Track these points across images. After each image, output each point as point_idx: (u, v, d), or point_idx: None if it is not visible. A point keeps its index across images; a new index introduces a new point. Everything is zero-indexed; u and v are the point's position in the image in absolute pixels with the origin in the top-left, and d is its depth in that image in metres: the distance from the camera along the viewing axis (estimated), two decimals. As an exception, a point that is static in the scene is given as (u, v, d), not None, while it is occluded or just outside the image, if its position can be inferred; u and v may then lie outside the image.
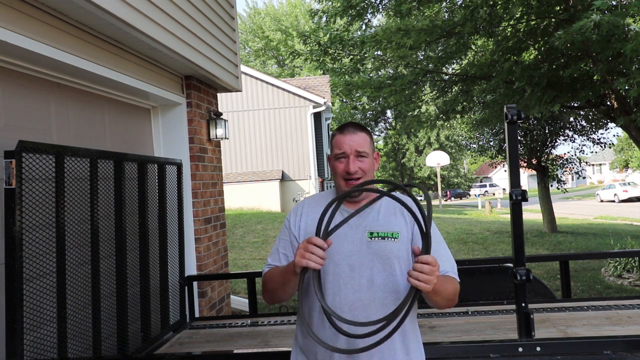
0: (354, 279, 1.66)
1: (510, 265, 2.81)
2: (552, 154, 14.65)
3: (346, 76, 10.66)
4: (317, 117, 18.89)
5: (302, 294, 1.72)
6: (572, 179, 49.05)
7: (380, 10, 8.79)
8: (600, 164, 54.47)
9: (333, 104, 24.30)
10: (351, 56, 9.93)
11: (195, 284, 4.11)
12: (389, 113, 32.48)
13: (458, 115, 11.93)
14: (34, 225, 2.32)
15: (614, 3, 6.05)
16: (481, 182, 54.83)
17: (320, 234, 1.54)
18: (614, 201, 30.27)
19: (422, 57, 10.09)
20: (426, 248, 1.43)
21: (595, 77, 7.22)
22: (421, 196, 48.99)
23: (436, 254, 1.68)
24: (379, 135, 40.64)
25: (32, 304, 2.29)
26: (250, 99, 18.41)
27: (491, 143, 15.70)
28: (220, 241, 4.78)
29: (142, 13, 2.99)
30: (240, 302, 6.04)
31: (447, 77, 10.25)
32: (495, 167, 47.87)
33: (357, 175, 1.71)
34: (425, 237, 1.44)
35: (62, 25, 2.65)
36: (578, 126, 13.83)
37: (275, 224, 12.98)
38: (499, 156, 15.48)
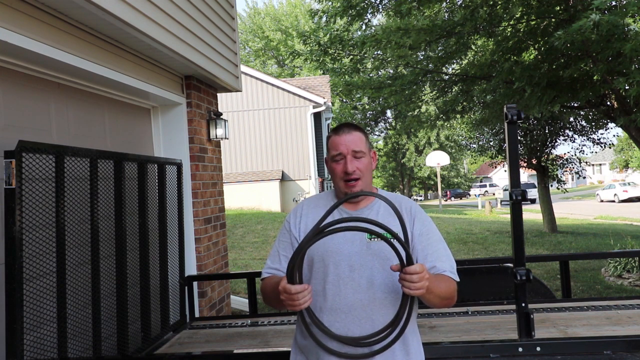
0: (353, 279, 1.66)
1: (510, 265, 2.81)
2: (552, 154, 14.64)
3: (346, 76, 10.66)
4: (317, 117, 18.88)
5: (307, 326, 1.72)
6: (572, 179, 49.10)
7: (380, 10, 8.79)
8: (600, 164, 54.46)
9: (333, 104, 24.30)
10: (351, 56, 9.93)
11: (195, 284, 4.11)
12: (389, 113, 32.51)
13: (458, 115, 11.93)
14: (34, 225, 2.32)
15: (613, 3, 6.05)
16: (481, 182, 54.85)
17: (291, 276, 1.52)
18: (614, 201, 30.25)
19: (422, 57, 10.09)
20: (408, 259, 1.47)
21: (595, 77, 7.22)
22: (421, 196, 48.86)
23: (435, 254, 1.69)
24: (379, 135, 40.65)
25: (32, 304, 2.29)
26: (250, 99, 18.42)
27: (491, 143, 15.68)
28: (220, 241, 4.78)
29: (142, 13, 2.99)
30: (240, 302, 6.04)
31: (447, 77, 10.25)
32: (495, 167, 47.87)
33: (355, 175, 1.71)
34: (405, 249, 1.47)
35: (62, 25, 2.65)
36: (578, 126, 13.82)
37: (275, 224, 12.98)
38: (499, 156, 15.48)
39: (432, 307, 1.67)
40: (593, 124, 12.98)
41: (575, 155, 15.00)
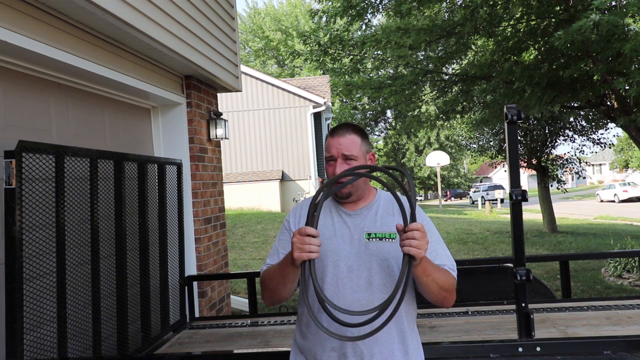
0: (352, 280, 1.66)
1: (510, 265, 2.81)
2: (552, 154, 14.65)
3: (346, 76, 10.66)
4: (317, 117, 18.88)
5: (305, 287, 1.70)
6: (572, 179, 49.07)
7: (380, 10, 8.79)
8: (600, 164, 54.47)
9: (333, 104, 24.29)
10: (351, 56, 9.93)
11: (195, 284, 4.11)
12: (389, 113, 32.49)
13: (458, 115, 11.93)
14: (34, 225, 2.32)
15: (613, 3, 6.05)
16: (481, 182, 54.81)
17: (309, 223, 1.54)
18: (614, 201, 30.26)
19: (422, 57, 10.09)
20: (413, 217, 1.49)
21: (595, 77, 7.22)
22: (421, 196, 48.90)
23: (434, 253, 1.68)
24: (379, 135, 40.63)
25: (32, 304, 2.29)
26: (250, 99, 18.41)
27: (491, 143, 15.69)
28: (220, 241, 4.78)
29: (142, 13, 2.99)
30: (240, 302, 6.04)
31: (447, 77, 10.25)
32: (495, 167, 47.85)
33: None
34: (411, 209, 1.50)
35: (62, 25, 2.65)
36: (578, 126, 13.83)
37: (275, 224, 12.97)
38: (499, 156, 15.48)
39: (431, 300, 1.65)
40: (593, 124, 12.98)
41: (575, 155, 15.01)
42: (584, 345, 2.41)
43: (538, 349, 2.37)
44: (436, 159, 26.37)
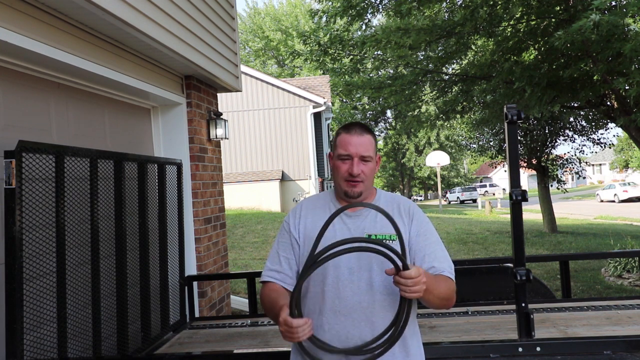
0: (353, 282, 1.65)
1: (510, 265, 2.81)
2: (552, 154, 14.65)
3: (346, 76, 10.66)
4: (317, 117, 18.88)
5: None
6: (572, 179, 49.04)
7: (380, 10, 8.79)
8: (600, 164, 54.47)
9: (333, 104, 24.29)
10: (351, 56, 9.93)
11: (195, 284, 4.11)
12: (389, 113, 32.51)
13: (458, 115, 11.93)
14: (34, 225, 2.32)
15: (613, 3, 6.05)
16: (481, 182, 54.81)
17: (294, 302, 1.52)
18: (614, 201, 30.26)
19: (422, 57, 10.09)
20: (405, 265, 1.48)
21: (595, 77, 7.22)
22: (421, 196, 48.85)
23: (433, 254, 1.69)
24: (379, 135, 40.67)
25: (32, 304, 2.29)
26: (250, 99, 18.41)
27: (491, 143, 15.69)
28: (220, 241, 4.78)
29: (142, 13, 2.99)
30: (240, 302, 6.04)
31: (447, 77, 10.25)
32: (495, 167, 47.82)
33: (359, 178, 1.70)
34: (401, 258, 1.48)
35: (62, 25, 2.65)
36: (578, 126, 13.83)
37: (275, 224, 12.97)
38: (499, 156, 15.48)
39: (431, 308, 1.66)
40: (593, 124, 12.98)
41: (575, 155, 15.00)
42: (584, 345, 2.41)
43: (538, 349, 2.37)
44: (436, 159, 26.38)
